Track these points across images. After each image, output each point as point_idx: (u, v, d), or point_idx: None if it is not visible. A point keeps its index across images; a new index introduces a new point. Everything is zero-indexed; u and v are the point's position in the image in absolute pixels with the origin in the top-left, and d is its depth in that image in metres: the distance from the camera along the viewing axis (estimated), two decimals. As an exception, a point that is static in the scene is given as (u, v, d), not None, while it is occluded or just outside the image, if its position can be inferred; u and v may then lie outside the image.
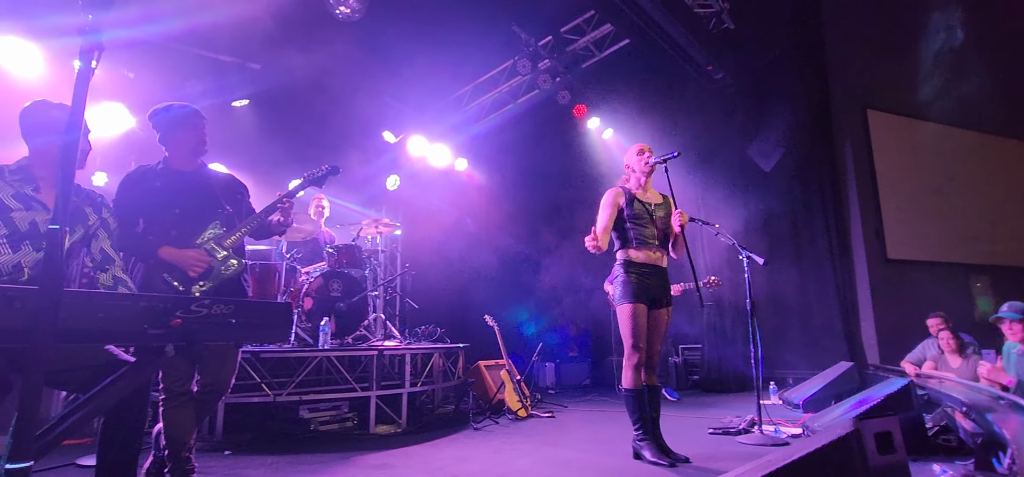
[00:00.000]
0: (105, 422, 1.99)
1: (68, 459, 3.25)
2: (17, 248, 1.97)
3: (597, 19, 6.71)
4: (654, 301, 3.29)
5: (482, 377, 5.44)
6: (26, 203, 2.02)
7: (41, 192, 2.08)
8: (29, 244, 1.99)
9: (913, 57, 7.60)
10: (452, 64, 6.93)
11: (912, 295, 6.85)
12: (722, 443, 3.81)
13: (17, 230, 1.97)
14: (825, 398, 4.90)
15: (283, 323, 1.97)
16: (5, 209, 1.98)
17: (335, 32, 5.68)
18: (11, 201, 2.00)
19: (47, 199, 2.08)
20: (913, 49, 7.61)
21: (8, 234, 1.96)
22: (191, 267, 2.45)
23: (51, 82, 4.49)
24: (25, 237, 1.99)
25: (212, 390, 2.49)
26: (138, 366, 1.80)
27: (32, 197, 2.05)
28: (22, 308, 1.40)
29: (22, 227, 1.99)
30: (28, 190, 2.05)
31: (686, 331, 7.56)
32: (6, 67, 4.38)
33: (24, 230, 1.99)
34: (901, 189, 7.51)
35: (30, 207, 2.03)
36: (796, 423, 4.23)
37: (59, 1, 4.29)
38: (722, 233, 4.26)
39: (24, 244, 1.98)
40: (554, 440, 4.02)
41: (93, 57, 1.24)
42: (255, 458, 3.46)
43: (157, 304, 1.62)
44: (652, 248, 3.32)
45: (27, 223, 2.00)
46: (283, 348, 4.28)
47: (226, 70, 5.79)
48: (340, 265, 5.05)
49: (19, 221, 1.99)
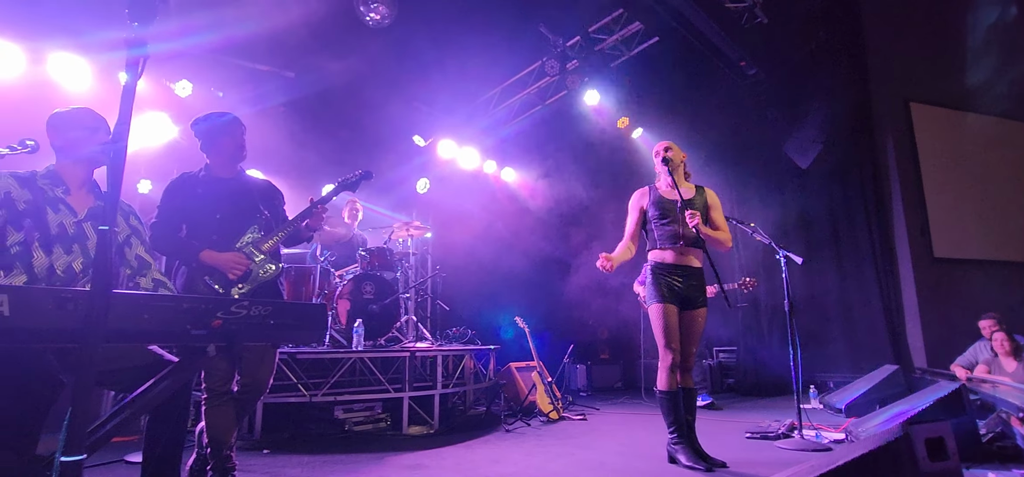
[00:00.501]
0: (150, 420, 2.06)
1: (117, 455, 3.39)
2: (50, 251, 2.02)
3: (625, 18, 6.64)
4: (686, 301, 3.22)
5: (513, 379, 5.44)
6: (55, 206, 2.07)
7: (70, 195, 2.13)
8: (60, 247, 2.04)
9: (959, 45, 7.26)
10: (480, 67, 6.96)
11: (962, 295, 6.53)
12: (760, 448, 3.70)
13: (49, 233, 2.02)
14: (869, 402, 4.71)
15: (319, 324, 2.00)
16: (40, 210, 2.03)
17: (365, 39, 5.78)
18: (43, 204, 2.05)
19: (75, 203, 2.12)
20: (959, 37, 7.26)
21: (40, 238, 2.01)
22: (230, 270, 2.52)
23: (98, 94, 4.71)
24: (56, 240, 2.03)
25: (251, 390, 2.56)
26: (181, 366, 1.86)
27: (61, 200, 2.09)
28: (74, 309, 1.46)
29: (53, 230, 2.03)
30: (58, 192, 2.10)
31: (721, 333, 7.40)
32: (57, 80, 4.60)
33: (54, 233, 2.04)
34: (948, 185, 7.16)
35: (58, 210, 2.07)
36: (838, 428, 4.08)
37: (105, 16, 4.50)
38: (758, 231, 4.15)
39: (56, 247, 2.03)
40: (587, 443, 3.98)
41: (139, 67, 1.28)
42: (292, 457, 3.53)
43: (199, 305, 1.67)
44: (679, 248, 3.25)
45: (57, 226, 2.05)
46: (318, 349, 4.37)
47: (262, 79, 5.96)
48: (372, 267, 5.12)
49: (51, 224, 2.04)
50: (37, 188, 2.06)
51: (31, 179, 2.07)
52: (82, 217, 2.12)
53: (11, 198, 1.98)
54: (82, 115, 2.19)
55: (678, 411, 3.13)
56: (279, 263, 2.71)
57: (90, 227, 2.12)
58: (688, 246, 3.25)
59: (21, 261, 1.96)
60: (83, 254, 2.09)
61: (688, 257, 3.25)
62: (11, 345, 1.71)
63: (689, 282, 3.24)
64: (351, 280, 4.95)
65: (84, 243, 2.10)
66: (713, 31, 6.11)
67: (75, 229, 2.09)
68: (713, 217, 3.39)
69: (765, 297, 7.13)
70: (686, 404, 3.17)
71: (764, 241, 4.11)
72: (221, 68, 5.67)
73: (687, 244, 3.25)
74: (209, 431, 2.49)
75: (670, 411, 3.13)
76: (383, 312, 4.94)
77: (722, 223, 3.38)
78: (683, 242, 3.24)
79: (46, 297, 1.45)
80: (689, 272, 3.25)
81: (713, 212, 3.40)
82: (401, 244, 6.33)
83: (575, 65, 6.74)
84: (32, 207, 2.01)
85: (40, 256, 1.99)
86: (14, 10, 4.30)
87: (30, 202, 2.02)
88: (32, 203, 2.02)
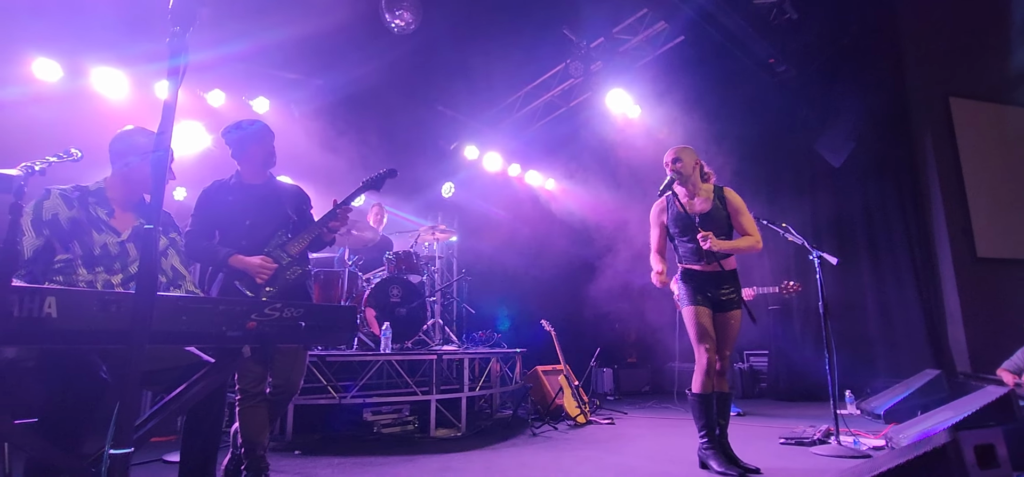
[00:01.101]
0: (187, 420, 2.11)
1: (155, 455, 3.48)
2: (91, 269, 2.09)
3: (649, 17, 6.57)
4: (718, 304, 3.15)
5: (540, 382, 5.41)
6: (99, 227, 2.14)
7: (114, 217, 2.20)
8: (102, 267, 2.11)
9: (1000, 36, 6.97)
10: (504, 71, 6.98)
11: (1006, 297, 6.25)
12: (795, 454, 3.60)
13: (91, 252, 2.10)
14: (910, 408, 4.53)
15: (349, 326, 2.02)
16: (85, 230, 2.10)
17: (391, 45, 5.85)
18: (88, 224, 2.12)
19: (118, 224, 2.20)
20: (1000, 27, 6.98)
21: (83, 255, 2.08)
22: (258, 273, 2.57)
23: (135, 104, 4.92)
24: (98, 261, 2.11)
25: (283, 391, 2.60)
26: (217, 366, 1.90)
27: (105, 221, 2.17)
28: (117, 311, 1.50)
29: (96, 251, 2.11)
30: (103, 214, 2.18)
31: (751, 337, 7.23)
32: (97, 90, 4.82)
33: (97, 254, 2.11)
34: (991, 182, 6.87)
35: (102, 231, 2.15)
36: (878, 435, 3.94)
37: (142, 31, 4.68)
38: (789, 231, 4.05)
39: (98, 267, 2.10)
40: (616, 448, 3.93)
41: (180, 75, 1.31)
42: (323, 459, 3.57)
43: (234, 307, 1.71)
44: (704, 263, 3.15)
45: (100, 246, 2.12)
46: (347, 352, 4.42)
47: (291, 86, 6.09)
48: (399, 271, 5.17)
49: (95, 245, 2.11)
50: (83, 208, 2.14)
51: (80, 198, 2.15)
52: (125, 238, 2.20)
53: (58, 220, 2.06)
54: (138, 138, 2.25)
55: (710, 415, 3.06)
56: (306, 265, 2.75)
57: (132, 247, 2.20)
58: (713, 259, 3.15)
59: (64, 277, 2.04)
60: (123, 272, 2.16)
61: (716, 265, 3.17)
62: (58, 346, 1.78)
63: (722, 285, 3.16)
64: (378, 283, 5.00)
65: (126, 262, 2.17)
66: (741, 28, 6.01)
67: (118, 249, 2.16)
68: (740, 222, 3.23)
69: (797, 299, 6.95)
70: (720, 408, 3.10)
71: (797, 241, 4.00)
72: (251, 77, 5.82)
73: (711, 260, 3.15)
74: (243, 431, 2.54)
75: (702, 414, 3.07)
76: (410, 315, 4.98)
77: (749, 226, 3.20)
78: (705, 260, 3.15)
79: (91, 299, 1.50)
80: (720, 276, 3.16)
81: (739, 217, 3.23)
82: (427, 248, 6.38)
83: (599, 66, 6.70)
84: (78, 228, 2.09)
85: (83, 274, 2.07)
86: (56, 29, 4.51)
87: (76, 222, 2.09)
88: (78, 223, 2.09)
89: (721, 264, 3.14)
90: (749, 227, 3.22)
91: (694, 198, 3.27)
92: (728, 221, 3.23)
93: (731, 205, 3.25)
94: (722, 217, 3.21)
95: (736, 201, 3.27)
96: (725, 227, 3.20)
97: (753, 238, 3.18)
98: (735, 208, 3.25)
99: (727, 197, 3.27)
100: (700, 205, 3.25)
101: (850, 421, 4.48)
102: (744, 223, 3.23)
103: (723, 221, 3.20)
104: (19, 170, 1.45)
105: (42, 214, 2.03)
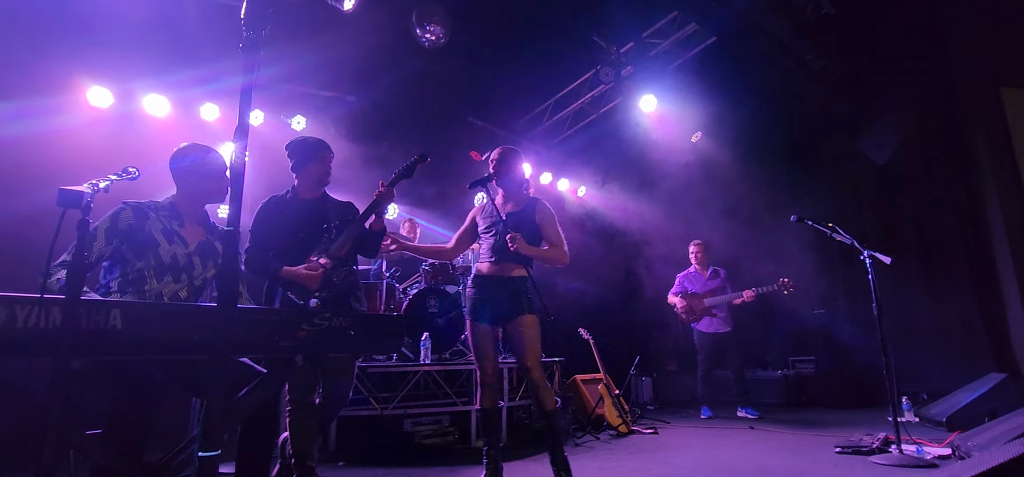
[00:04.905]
0: (242, 431, 2.14)
1: (205, 467, 3.55)
2: (161, 279, 2.16)
3: (680, 19, 6.48)
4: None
5: (579, 392, 5.34)
6: (169, 238, 2.22)
7: (184, 228, 2.29)
8: (170, 277, 2.18)
9: (1055, 22, 6.63)
10: (534, 81, 6.99)
11: (1074, 295, 5.88)
12: (853, 464, 3.42)
13: (161, 263, 2.17)
14: (975, 414, 4.27)
15: (395, 334, 2.03)
16: (154, 243, 2.18)
17: (421, 59, 5.93)
18: (159, 236, 2.20)
19: (187, 236, 2.28)
20: (1055, 13, 6.63)
21: (155, 266, 2.15)
22: (307, 282, 2.60)
23: (177, 121, 5.23)
24: (167, 270, 2.18)
25: (332, 401, 2.63)
26: (271, 375, 1.92)
27: (176, 232, 2.25)
28: (178, 323, 1.54)
29: (165, 260, 2.18)
30: (174, 226, 2.26)
31: (797, 342, 6.99)
32: (149, 112, 5.13)
33: (167, 263, 2.18)
34: (1049, 174, 6.51)
35: (172, 242, 2.22)
36: (942, 443, 3.73)
37: (184, 59, 4.95)
38: (837, 231, 3.91)
39: (166, 276, 2.17)
40: (661, 458, 3.83)
41: (251, 92, 1.36)
42: (366, 470, 3.59)
43: (286, 317, 1.73)
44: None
45: (169, 256, 2.19)
46: (387, 363, 4.44)
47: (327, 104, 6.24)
48: (436, 282, 5.19)
49: (164, 254, 2.18)
50: (155, 220, 2.21)
51: (152, 211, 2.23)
52: (193, 250, 2.27)
53: (132, 229, 2.14)
54: (214, 167, 2.34)
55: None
56: (353, 266, 2.79)
57: (198, 260, 2.27)
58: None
59: (135, 286, 2.11)
60: (188, 284, 2.23)
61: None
62: (122, 357, 1.83)
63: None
64: (416, 294, 5.03)
65: (191, 273, 2.24)
66: (775, 24, 5.88)
67: (185, 260, 2.23)
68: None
69: (845, 302, 6.70)
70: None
71: (846, 241, 3.85)
72: (290, 97, 5.97)
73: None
74: (293, 442, 2.56)
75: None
76: (448, 326, 4.98)
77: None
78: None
79: (153, 311, 1.54)
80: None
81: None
82: (462, 258, 6.38)
83: (630, 71, 6.64)
84: (149, 238, 2.16)
85: (152, 283, 2.14)
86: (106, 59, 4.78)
87: (149, 233, 2.17)
88: (148, 234, 2.17)
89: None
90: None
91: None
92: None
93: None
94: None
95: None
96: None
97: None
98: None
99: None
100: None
101: (908, 428, 4.26)
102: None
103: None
104: (87, 187, 1.51)
105: (118, 224, 2.12)
